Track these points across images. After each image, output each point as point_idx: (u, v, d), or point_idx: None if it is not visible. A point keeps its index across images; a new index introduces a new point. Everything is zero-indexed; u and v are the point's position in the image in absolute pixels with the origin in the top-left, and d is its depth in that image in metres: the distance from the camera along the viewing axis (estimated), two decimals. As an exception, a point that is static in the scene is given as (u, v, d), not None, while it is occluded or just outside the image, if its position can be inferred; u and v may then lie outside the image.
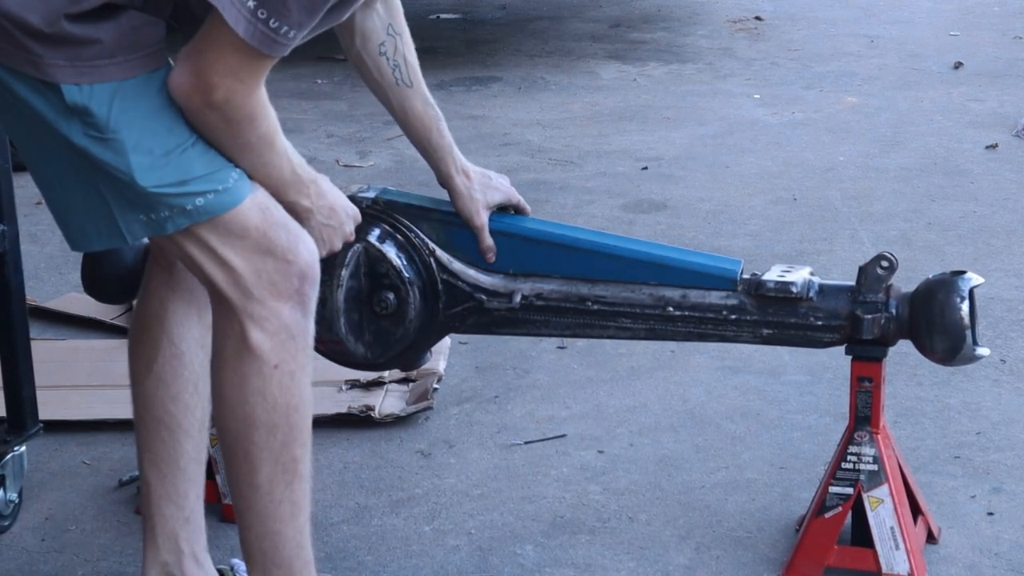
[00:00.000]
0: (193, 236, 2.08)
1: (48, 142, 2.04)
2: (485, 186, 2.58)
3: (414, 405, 3.22)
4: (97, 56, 1.99)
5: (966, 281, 2.43)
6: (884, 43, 6.77)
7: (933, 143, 5.19)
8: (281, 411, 2.13)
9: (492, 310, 2.59)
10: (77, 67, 1.99)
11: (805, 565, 2.55)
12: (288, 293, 2.10)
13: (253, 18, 1.94)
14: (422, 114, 2.54)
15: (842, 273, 3.79)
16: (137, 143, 2.01)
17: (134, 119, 2.02)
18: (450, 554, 2.69)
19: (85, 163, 2.03)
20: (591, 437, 3.13)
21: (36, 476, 2.98)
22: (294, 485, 2.17)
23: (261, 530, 2.19)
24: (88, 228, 2.09)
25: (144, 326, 2.38)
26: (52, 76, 1.99)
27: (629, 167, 4.99)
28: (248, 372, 2.11)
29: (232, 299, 2.10)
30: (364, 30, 2.46)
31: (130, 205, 2.04)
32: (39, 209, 4.56)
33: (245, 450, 2.15)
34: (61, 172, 2.07)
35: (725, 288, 2.52)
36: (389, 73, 2.49)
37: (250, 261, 2.08)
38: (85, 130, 2.01)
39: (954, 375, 3.30)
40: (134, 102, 2.02)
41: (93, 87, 1.99)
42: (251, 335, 2.10)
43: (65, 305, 3.82)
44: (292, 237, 2.11)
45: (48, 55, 1.98)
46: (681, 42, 6.87)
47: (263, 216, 2.10)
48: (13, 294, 2.73)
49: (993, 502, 2.82)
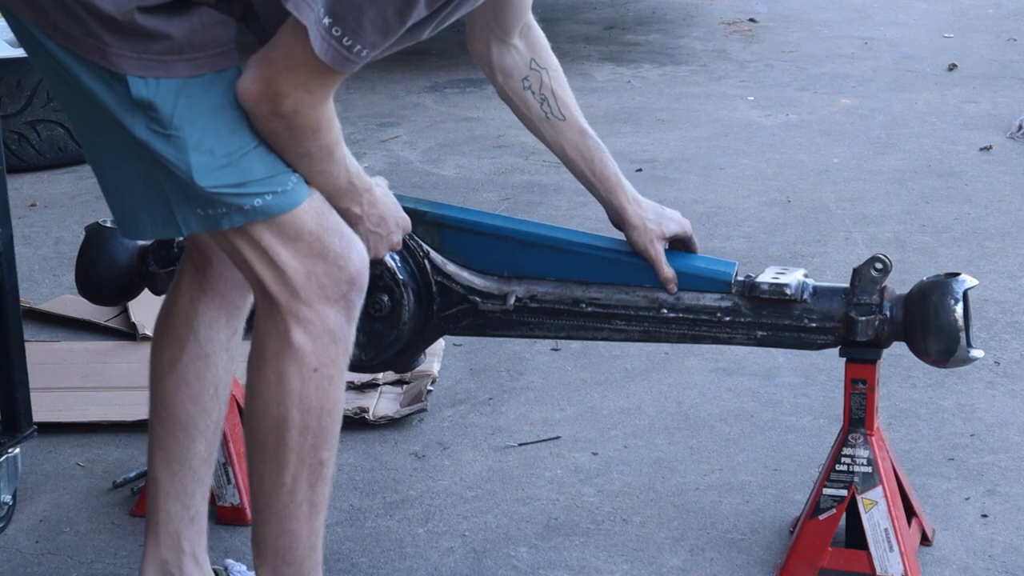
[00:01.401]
0: (247, 234, 2.08)
1: (109, 129, 2.03)
2: (660, 215, 2.54)
3: (408, 407, 3.22)
4: (166, 51, 1.99)
5: (960, 283, 2.44)
6: (878, 45, 6.78)
7: (927, 145, 5.19)
8: (315, 414, 2.13)
9: (486, 312, 2.59)
10: (144, 60, 1.98)
11: (799, 567, 2.55)
12: (335, 297, 2.11)
13: (327, 35, 1.95)
14: (579, 145, 2.52)
15: (836, 275, 3.80)
16: (199, 142, 2.01)
17: (198, 118, 2.01)
18: (444, 556, 2.70)
19: (146, 154, 2.02)
20: (585, 439, 3.13)
21: (30, 478, 2.97)
22: (317, 487, 2.18)
23: (278, 528, 2.19)
24: (142, 216, 2.08)
25: (171, 324, 2.37)
26: (119, 66, 1.98)
27: (623, 169, 4.93)
28: (287, 373, 2.11)
29: (279, 299, 2.10)
30: (503, 67, 2.49)
31: (187, 200, 2.04)
32: (33, 211, 4.56)
33: (275, 449, 2.15)
34: (119, 159, 2.05)
35: (720, 290, 2.52)
36: (537, 107, 2.50)
37: (301, 263, 2.09)
38: (148, 124, 2.00)
39: (948, 377, 3.31)
40: (199, 100, 2.01)
41: (160, 82, 1.99)
42: (294, 336, 2.10)
43: (59, 307, 3.81)
44: (345, 243, 2.12)
45: (117, 45, 1.97)
46: (675, 44, 6.87)
47: (319, 220, 2.10)
48: (7, 296, 2.73)
49: (987, 504, 2.83)
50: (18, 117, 4.97)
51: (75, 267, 2.75)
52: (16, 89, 4.94)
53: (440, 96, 5.98)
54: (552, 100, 2.49)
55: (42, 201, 4.68)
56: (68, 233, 4.37)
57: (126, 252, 2.71)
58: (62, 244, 4.32)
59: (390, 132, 5.47)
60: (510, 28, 2.46)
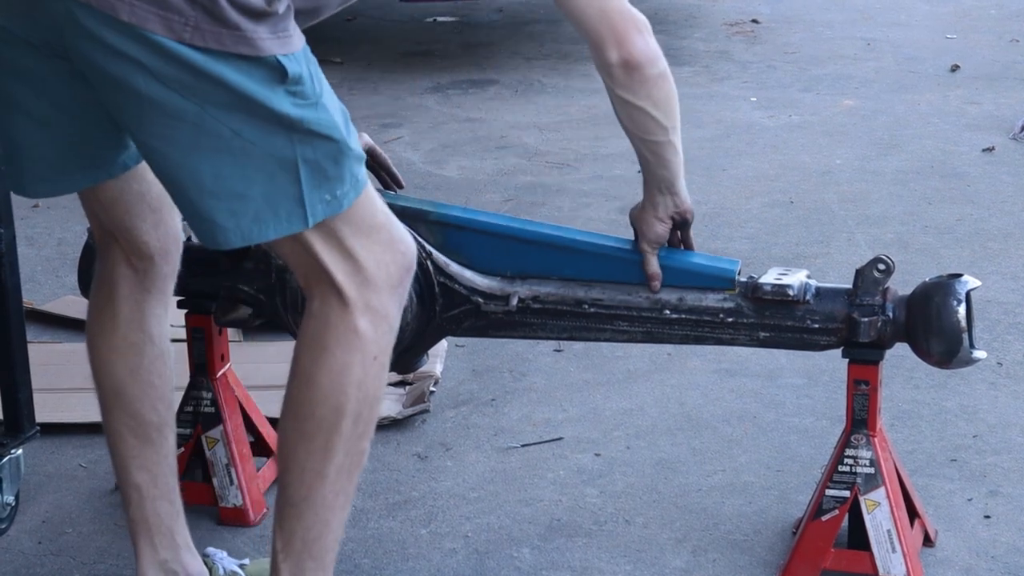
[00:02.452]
0: (326, 227, 2.10)
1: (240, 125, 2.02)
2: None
3: (410, 408, 3.22)
4: (289, 25, 2.04)
5: (963, 284, 2.44)
6: (881, 46, 6.77)
7: (930, 146, 5.19)
8: (369, 402, 2.16)
9: (489, 313, 2.59)
10: (281, 38, 2.02)
11: (802, 568, 2.55)
12: (396, 285, 2.15)
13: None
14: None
15: (839, 276, 3.80)
16: (331, 102, 2.07)
17: (322, 80, 2.08)
18: (447, 557, 2.70)
19: (285, 139, 2.03)
20: (588, 440, 3.13)
21: (33, 479, 2.98)
22: (353, 477, 2.20)
23: (313, 520, 2.19)
24: (265, 215, 2.07)
25: (120, 333, 2.36)
26: (266, 50, 2.00)
27: (626, 170, 4.99)
28: (352, 362, 2.13)
29: (348, 290, 2.12)
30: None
31: (325, 181, 2.06)
32: (36, 212, 4.56)
33: (327, 438, 2.16)
34: (246, 157, 2.04)
35: (724, 287, 2.52)
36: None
37: (373, 252, 2.12)
38: (294, 100, 2.02)
39: (951, 378, 3.31)
40: (315, 64, 2.08)
41: (294, 55, 2.03)
42: (361, 325, 2.12)
43: (62, 308, 3.82)
44: (403, 230, 2.18)
45: (260, 30, 2.00)
46: (678, 45, 6.87)
47: (382, 207, 2.16)
48: (10, 297, 2.73)
49: (990, 505, 2.82)
50: (21, 118, 4.96)
51: (78, 268, 2.75)
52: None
53: (443, 97, 5.98)
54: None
55: (44, 202, 4.68)
56: (71, 234, 4.37)
57: (128, 253, 2.71)
58: (65, 245, 4.32)
59: (393, 133, 5.46)
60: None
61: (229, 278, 2.66)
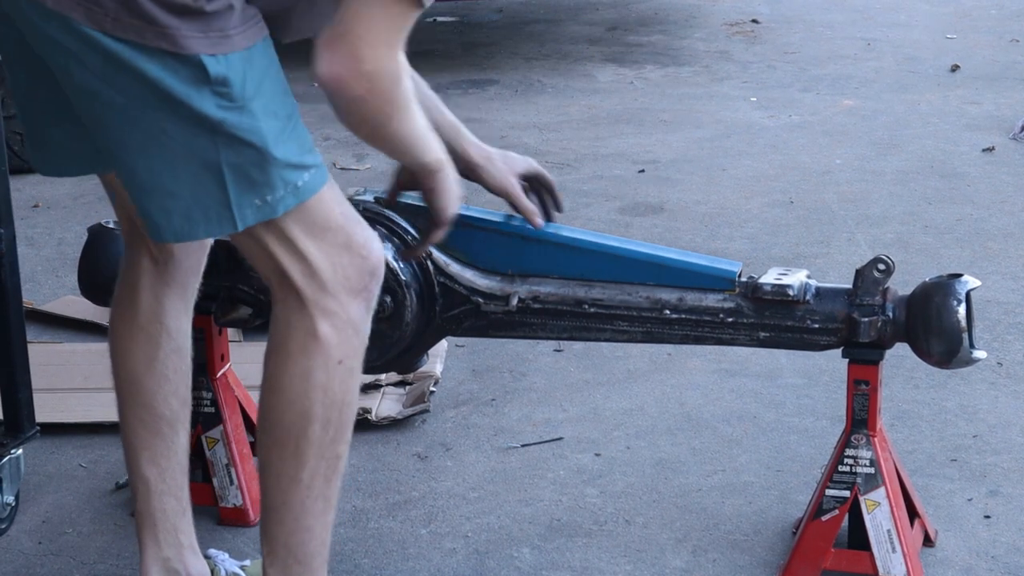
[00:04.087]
0: (276, 228, 2.08)
1: (166, 122, 2.01)
2: (504, 154, 2.60)
3: (411, 408, 3.22)
4: (227, 26, 2.00)
5: (963, 284, 2.44)
6: (881, 46, 6.78)
7: (930, 146, 5.19)
8: (337, 407, 2.14)
9: (489, 313, 2.59)
10: (212, 38, 1.99)
11: (802, 568, 2.55)
12: (359, 289, 2.13)
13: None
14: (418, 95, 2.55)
15: (839, 276, 3.80)
16: (266, 108, 2.03)
17: (262, 85, 2.03)
18: (447, 557, 2.70)
19: (208, 141, 2.01)
20: (588, 440, 3.13)
21: (33, 479, 2.98)
22: (332, 481, 2.18)
23: (293, 525, 2.19)
24: (195, 214, 2.05)
25: (139, 323, 2.36)
26: (189, 48, 1.97)
27: (626, 170, 4.99)
28: (314, 366, 2.12)
29: (305, 292, 2.11)
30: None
31: (251, 186, 2.03)
32: (36, 212, 4.56)
33: (296, 444, 2.15)
34: (174, 154, 2.03)
35: (724, 288, 2.53)
36: None
37: (328, 255, 2.10)
38: (219, 102, 1.99)
39: (951, 378, 3.31)
40: (258, 68, 2.03)
41: (227, 56, 2.00)
42: (321, 329, 2.11)
43: (62, 308, 3.82)
44: (367, 233, 2.15)
45: (184, 28, 1.97)
46: (678, 45, 6.87)
47: (341, 209, 2.12)
48: (10, 297, 2.73)
49: (990, 505, 2.82)
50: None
51: (78, 268, 2.75)
52: (19, 90, 4.94)
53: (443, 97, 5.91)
54: None
55: (45, 202, 4.68)
56: (71, 234, 4.37)
57: (128, 253, 2.71)
58: (65, 245, 4.32)
59: (392, 133, 5.46)
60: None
61: (229, 278, 2.66)
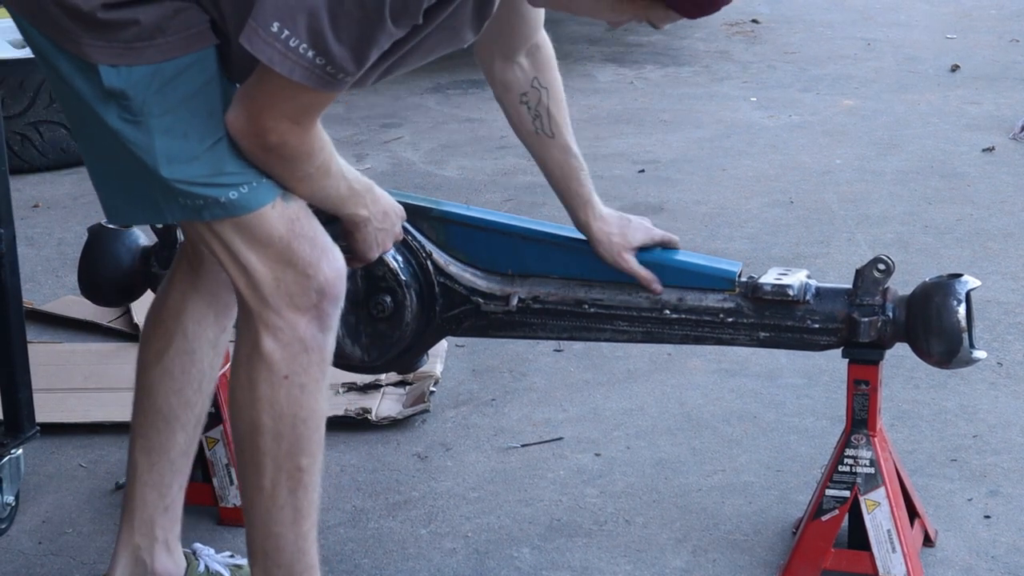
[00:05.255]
0: (219, 235, 2.07)
1: (90, 118, 2.03)
2: (624, 227, 2.57)
3: (411, 408, 3.22)
4: (135, 38, 1.96)
5: (963, 284, 2.44)
6: (881, 46, 6.78)
7: (930, 146, 5.19)
8: (288, 421, 2.12)
9: (489, 313, 2.59)
10: (115, 48, 1.96)
11: (802, 568, 2.55)
12: (306, 307, 2.09)
13: (311, 66, 1.90)
14: (561, 162, 2.55)
15: (839, 276, 3.80)
16: (170, 127, 1.99)
17: (171, 102, 1.99)
18: (447, 557, 2.70)
19: (117, 145, 2.01)
20: (588, 440, 3.13)
21: (33, 479, 2.98)
22: (298, 492, 2.16)
23: (263, 531, 2.19)
24: (131, 203, 2.08)
25: (160, 317, 2.38)
26: (90, 56, 1.97)
27: (626, 170, 4.99)
28: (258, 378, 2.11)
29: (250, 304, 2.10)
30: (504, 81, 2.50)
31: (164, 190, 2.03)
32: (36, 212, 4.56)
33: (251, 453, 2.15)
34: (104, 149, 2.05)
35: (725, 288, 2.52)
36: (528, 121, 2.53)
37: (271, 269, 2.07)
38: (120, 113, 1.99)
39: (951, 378, 3.31)
40: (174, 84, 1.99)
41: (131, 69, 1.97)
42: (264, 343, 2.09)
43: (62, 308, 3.81)
44: (316, 252, 2.10)
45: (87, 35, 1.96)
46: (678, 45, 6.88)
47: (289, 226, 2.08)
48: (10, 297, 2.73)
49: (990, 505, 2.82)
50: (21, 118, 4.97)
51: (78, 268, 2.75)
52: (19, 90, 4.95)
53: (443, 97, 5.98)
54: (545, 118, 2.53)
55: (45, 202, 4.68)
56: (71, 234, 4.37)
57: (129, 253, 2.71)
58: (65, 245, 4.32)
59: (393, 133, 5.47)
60: (516, 48, 2.48)
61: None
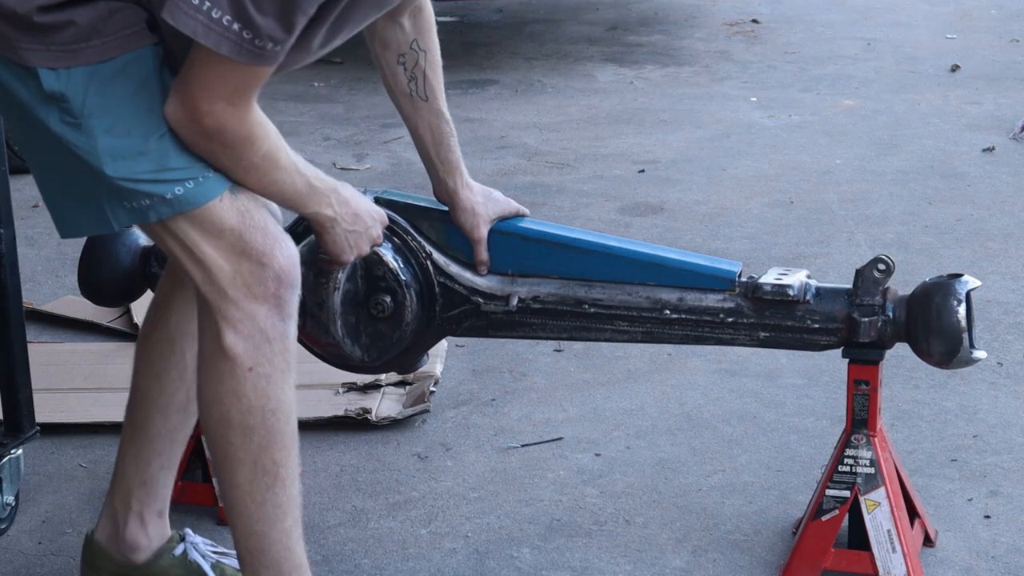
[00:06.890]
0: (172, 231, 2.07)
1: (33, 126, 2.02)
2: (487, 198, 2.60)
3: (411, 408, 3.22)
4: (72, 40, 1.96)
5: (963, 284, 2.44)
6: (881, 46, 6.78)
7: (930, 146, 5.19)
8: (257, 414, 2.12)
9: (489, 313, 2.59)
10: (52, 51, 1.96)
11: (802, 568, 2.55)
12: (263, 296, 2.09)
13: (238, 39, 1.91)
14: (433, 127, 2.55)
15: (839, 276, 3.80)
16: (111, 126, 1.99)
17: (111, 102, 1.99)
18: (447, 557, 2.70)
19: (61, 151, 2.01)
20: (588, 440, 3.13)
21: (33, 479, 2.98)
22: (275, 488, 2.16)
23: (245, 529, 2.19)
24: (78, 212, 2.08)
25: (154, 304, 2.45)
26: (27, 60, 1.96)
27: (626, 170, 4.99)
28: (222, 372, 2.11)
29: (209, 298, 2.10)
30: (384, 39, 2.48)
31: (110, 192, 2.02)
32: (36, 212, 4.56)
33: (223, 450, 2.15)
34: (48, 157, 2.05)
35: (724, 288, 2.52)
36: (404, 83, 2.51)
37: (226, 261, 2.07)
38: (61, 116, 1.98)
39: (951, 378, 3.31)
40: (112, 84, 1.99)
41: (70, 71, 1.96)
42: (225, 336, 2.09)
43: (62, 308, 3.81)
44: (269, 240, 2.10)
45: (23, 40, 1.95)
46: (678, 45, 6.87)
47: (240, 218, 2.08)
48: (10, 297, 2.73)
49: (990, 505, 2.82)
50: (21, 118, 4.96)
51: (78, 268, 2.75)
52: (19, 90, 4.94)
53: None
54: (421, 81, 2.51)
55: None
56: (71, 234, 4.37)
57: (128, 253, 2.71)
58: (65, 245, 4.32)
59: (393, 133, 5.46)
60: (401, 8, 2.45)
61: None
